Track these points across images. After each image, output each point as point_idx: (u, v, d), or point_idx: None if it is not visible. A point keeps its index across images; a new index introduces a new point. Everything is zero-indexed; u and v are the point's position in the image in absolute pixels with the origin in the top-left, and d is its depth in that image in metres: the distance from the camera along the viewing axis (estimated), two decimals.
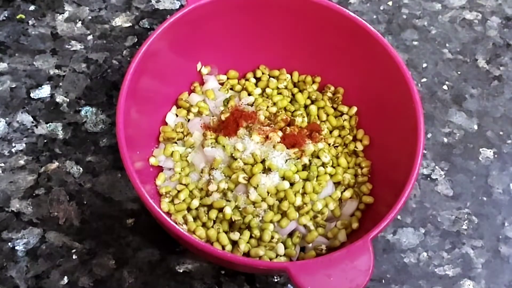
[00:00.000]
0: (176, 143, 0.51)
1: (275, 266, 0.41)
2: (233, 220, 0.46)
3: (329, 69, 0.55)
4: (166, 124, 0.53)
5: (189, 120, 0.53)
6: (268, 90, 0.56)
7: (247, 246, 0.46)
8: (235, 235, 0.46)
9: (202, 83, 0.55)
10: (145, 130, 0.51)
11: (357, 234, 0.47)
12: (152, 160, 0.50)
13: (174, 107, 0.54)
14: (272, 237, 0.46)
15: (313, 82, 0.56)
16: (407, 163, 0.44)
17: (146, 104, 0.50)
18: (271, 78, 0.56)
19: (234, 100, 0.54)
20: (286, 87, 0.56)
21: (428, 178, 0.56)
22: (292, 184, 0.49)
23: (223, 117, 0.52)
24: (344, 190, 0.51)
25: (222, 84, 0.56)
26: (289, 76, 0.57)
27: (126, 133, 0.43)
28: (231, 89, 0.56)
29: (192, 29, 0.50)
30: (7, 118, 0.55)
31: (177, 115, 0.53)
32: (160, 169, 0.50)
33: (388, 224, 0.41)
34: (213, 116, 0.53)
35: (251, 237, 0.47)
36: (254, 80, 0.56)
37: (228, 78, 0.56)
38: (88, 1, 0.64)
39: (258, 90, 0.55)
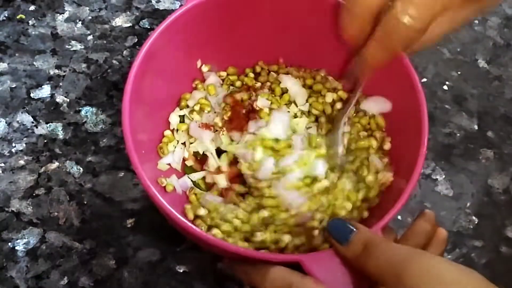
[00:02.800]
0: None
1: (288, 259, 0.41)
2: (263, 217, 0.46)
3: (330, 63, 0.55)
4: (169, 123, 0.52)
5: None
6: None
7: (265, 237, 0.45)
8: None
9: (203, 80, 0.55)
10: (148, 130, 0.50)
11: None
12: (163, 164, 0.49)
13: (177, 108, 0.53)
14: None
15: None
16: (409, 162, 0.44)
17: (149, 105, 0.49)
18: (272, 73, 0.56)
19: (235, 95, 0.54)
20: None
21: (428, 178, 0.56)
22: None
23: (225, 117, 0.52)
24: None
25: (223, 80, 0.56)
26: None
27: (132, 133, 0.43)
28: (232, 85, 0.56)
29: (191, 27, 0.50)
30: (7, 118, 0.55)
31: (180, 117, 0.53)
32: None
33: (387, 222, 0.41)
34: (215, 113, 0.52)
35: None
36: (253, 75, 0.56)
37: (228, 75, 0.56)
38: (88, 1, 0.64)
39: (258, 84, 0.55)
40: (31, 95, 0.57)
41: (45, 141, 0.54)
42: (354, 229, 0.37)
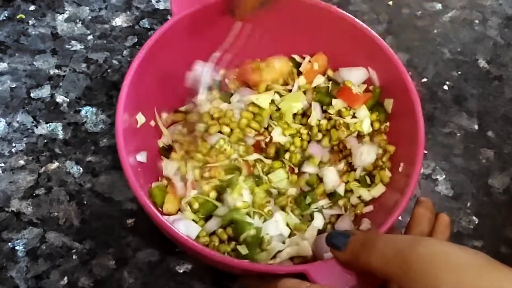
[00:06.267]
0: None
1: (293, 270, 0.41)
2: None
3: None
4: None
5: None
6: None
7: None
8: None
9: None
10: (144, 136, 0.50)
11: None
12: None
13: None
14: None
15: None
16: (408, 165, 0.44)
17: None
18: None
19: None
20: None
21: (429, 178, 0.56)
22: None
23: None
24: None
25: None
26: None
27: (125, 137, 0.43)
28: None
29: (185, 37, 0.49)
30: (7, 118, 0.55)
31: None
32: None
33: (389, 228, 0.41)
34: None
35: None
36: None
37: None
38: (88, 1, 0.64)
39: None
40: (31, 95, 0.57)
41: (45, 141, 0.54)
42: (350, 235, 0.37)
